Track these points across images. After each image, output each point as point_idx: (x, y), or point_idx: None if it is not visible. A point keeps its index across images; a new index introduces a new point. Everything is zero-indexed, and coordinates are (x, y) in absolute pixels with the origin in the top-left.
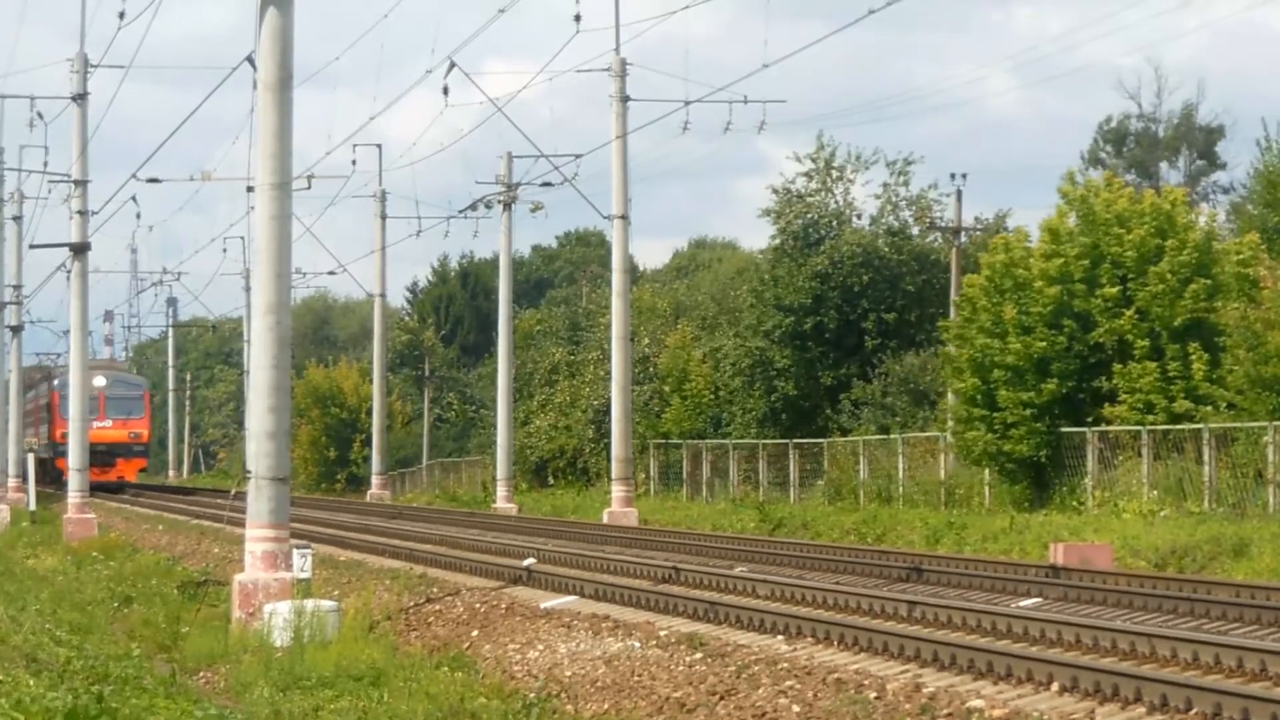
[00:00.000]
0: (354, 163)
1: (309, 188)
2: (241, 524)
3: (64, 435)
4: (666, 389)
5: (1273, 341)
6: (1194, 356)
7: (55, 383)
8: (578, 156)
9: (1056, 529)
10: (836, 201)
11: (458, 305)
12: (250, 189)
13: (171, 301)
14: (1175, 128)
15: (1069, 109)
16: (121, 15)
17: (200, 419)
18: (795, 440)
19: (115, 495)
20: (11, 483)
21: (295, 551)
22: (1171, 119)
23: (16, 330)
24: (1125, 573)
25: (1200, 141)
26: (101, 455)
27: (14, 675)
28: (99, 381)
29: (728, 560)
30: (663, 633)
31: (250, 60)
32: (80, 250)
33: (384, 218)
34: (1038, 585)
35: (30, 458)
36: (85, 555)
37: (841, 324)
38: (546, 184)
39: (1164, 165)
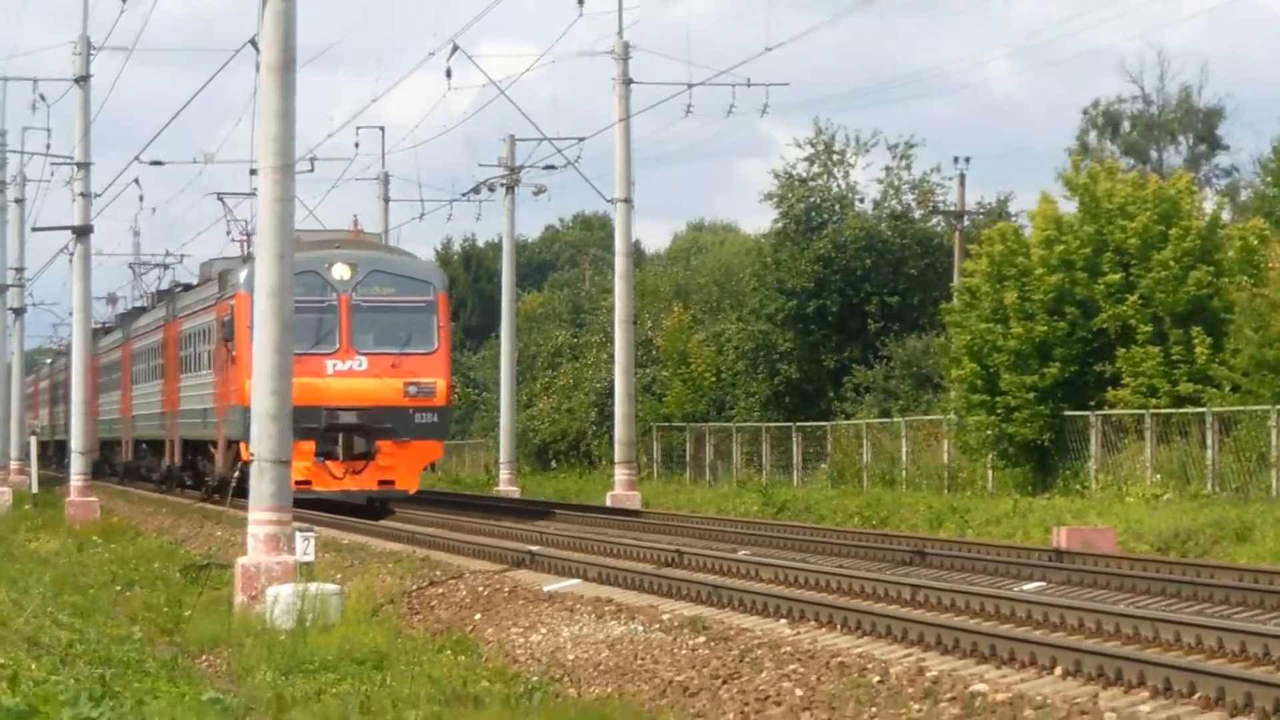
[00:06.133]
0: (357, 145)
1: (312, 170)
2: (243, 508)
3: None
4: (667, 373)
5: (1277, 323)
6: (1197, 341)
7: (242, 277)
8: (581, 139)
9: (1059, 513)
10: (838, 185)
11: (460, 288)
12: (253, 171)
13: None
14: (1174, 111)
15: (1072, 93)
16: None
17: None
18: (798, 423)
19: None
20: (13, 465)
21: (298, 535)
22: (1169, 102)
23: (19, 313)
24: (1128, 557)
25: (1200, 124)
26: (345, 433)
27: (16, 659)
28: (339, 273)
29: (731, 544)
30: (666, 616)
31: (253, 42)
32: (82, 233)
33: (387, 200)
34: (1041, 569)
35: (33, 440)
36: (87, 538)
37: (844, 307)
38: (549, 167)
39: (1166, 149)
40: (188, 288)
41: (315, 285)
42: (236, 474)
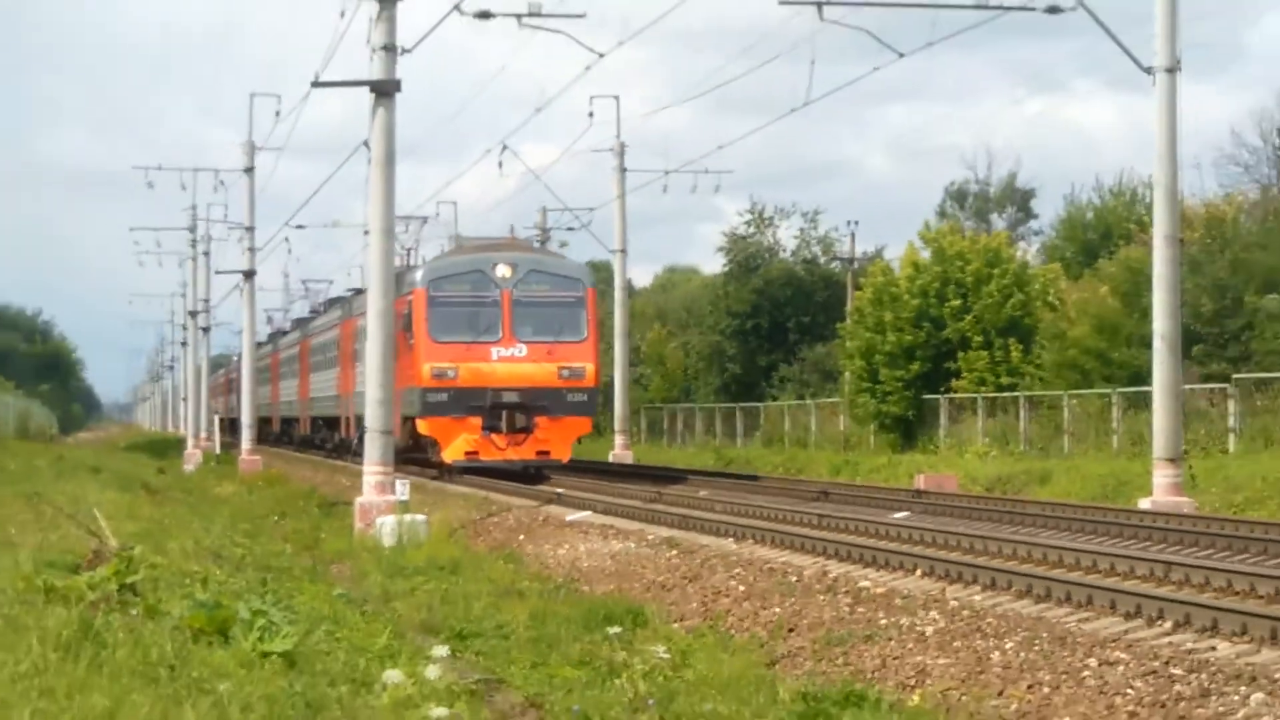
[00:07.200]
0: (437, 214)
1: (406, 232)
2: (361, 464)
3: (438, 374)
4: (650, 370)
5: (1069, 337)
6: (1013, 347)
7: (419, 276)
8: (591, 209)
9: (919, 465)
10: (768, 240)
11: None
12: (366, 232)
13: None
14: (1002, 189)
15: (926, 176)
16: (277, 114)
17: None
18: (740, 405)
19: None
20: (203, 435)
21: (397, 481)
22: (999, 183)
23: (206, 330)
24: (966, 495)
25: (1019, 199)
26: (508, 411)
27: (205, 566)
28: (501, 272)
29: (696, 487)
30: (650, 537)
31: (365, 144)
32: (249, 275)
33: None
34: (906, 503)
35: (215, 418)
36: (254, 485)
37: (772, 325)
38: (570, 228)
39: (994, 216)
40: (359, 292)
41: (481, 283)
42: (408, 444)
